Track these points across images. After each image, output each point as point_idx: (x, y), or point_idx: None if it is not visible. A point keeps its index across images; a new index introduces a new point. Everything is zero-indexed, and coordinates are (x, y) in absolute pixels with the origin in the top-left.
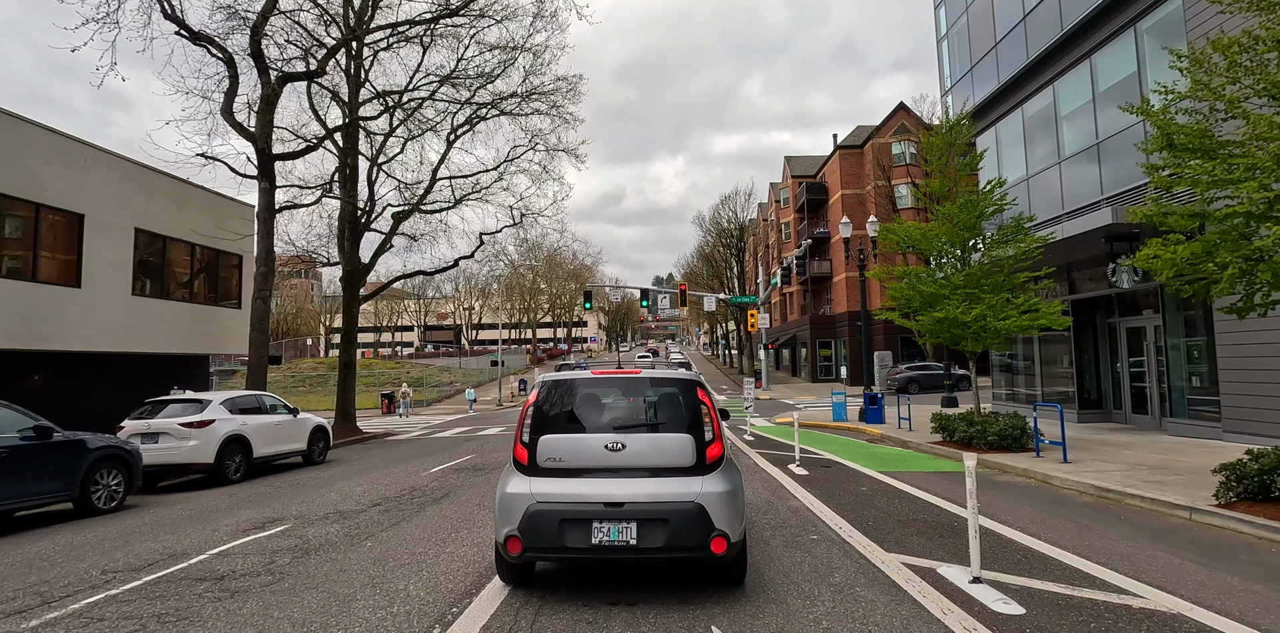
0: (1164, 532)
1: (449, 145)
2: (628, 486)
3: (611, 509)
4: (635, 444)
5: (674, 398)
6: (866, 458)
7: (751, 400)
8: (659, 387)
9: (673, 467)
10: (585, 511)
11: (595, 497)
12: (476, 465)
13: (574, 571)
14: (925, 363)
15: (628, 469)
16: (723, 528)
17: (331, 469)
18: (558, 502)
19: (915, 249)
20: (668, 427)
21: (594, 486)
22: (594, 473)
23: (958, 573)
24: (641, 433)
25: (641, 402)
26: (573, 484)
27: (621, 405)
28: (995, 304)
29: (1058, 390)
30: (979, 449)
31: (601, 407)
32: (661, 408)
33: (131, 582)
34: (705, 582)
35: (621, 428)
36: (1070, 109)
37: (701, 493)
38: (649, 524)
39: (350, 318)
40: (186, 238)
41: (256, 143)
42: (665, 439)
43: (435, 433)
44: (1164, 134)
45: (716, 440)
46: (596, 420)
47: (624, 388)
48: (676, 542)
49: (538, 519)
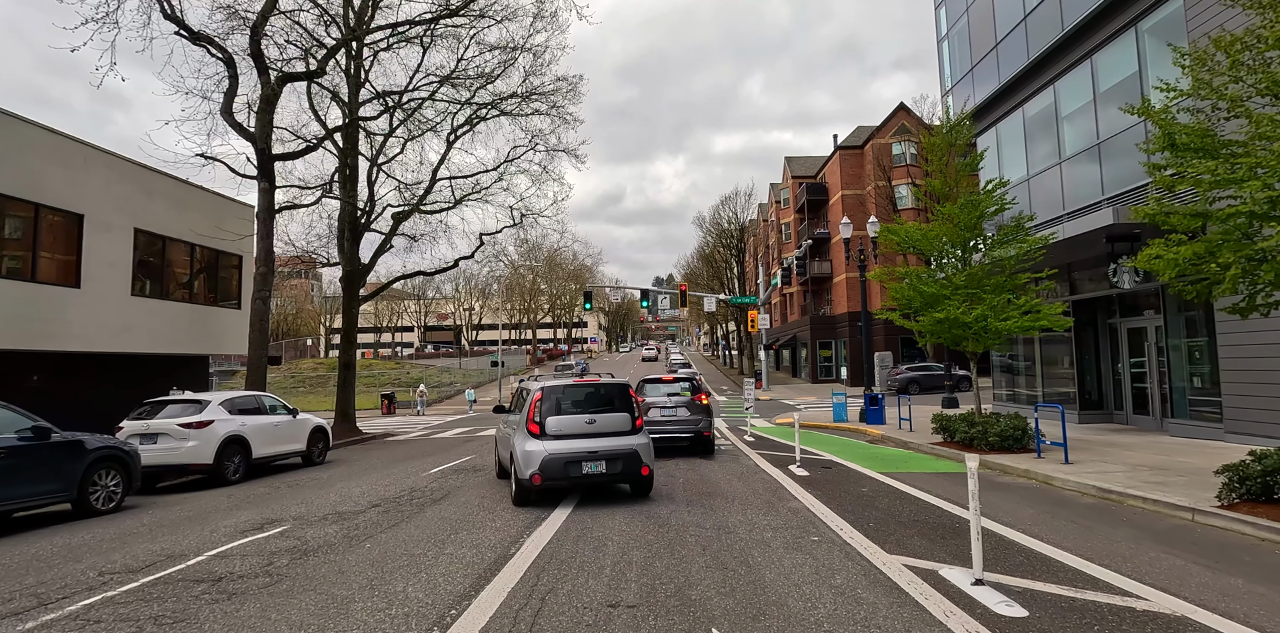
0: (1166, 533)
1: (449, 146)
2: (599, 442)
3: (591, 455)
4: (600, 420)
5: (618, 394)
6: (867, 459)
7: (752, 401)
8: (609, 389)
9: (619, 431)
10: (577, 456)
11: (583, 449)
12: (476, 466)
13: (578, 557)
14: (926, 364)
15: (598, 434)
16: (647, 462)
17: (331, 470)
18: (562, 453)
19: (916, 249)
20: (616, 409)
21: (582, 443)
22: (580, 437)
23: (960, 575)
24: (603, 414)
25: (602, 395)
26: (569, 443)
27: (592, 398)
28: (996, 305)
29: (1058, 391)
30: (980, 450)
31: (582, 400)
32: (612, 400)
33: (129, 584)
34: (708, 584)
35: (592, 410)
36: (1071, 109)
37: (635, 444)
38: (611, 461)
39: (350, 318)
40: (186, 238)
41: (256, 143)
42: (616, 416)
43: (435, 434)
44: (1166, 133)
45: (640, 417)
46: (579, 406)
47: (591, 389)
48: (625, 470)
49: (550, 462)
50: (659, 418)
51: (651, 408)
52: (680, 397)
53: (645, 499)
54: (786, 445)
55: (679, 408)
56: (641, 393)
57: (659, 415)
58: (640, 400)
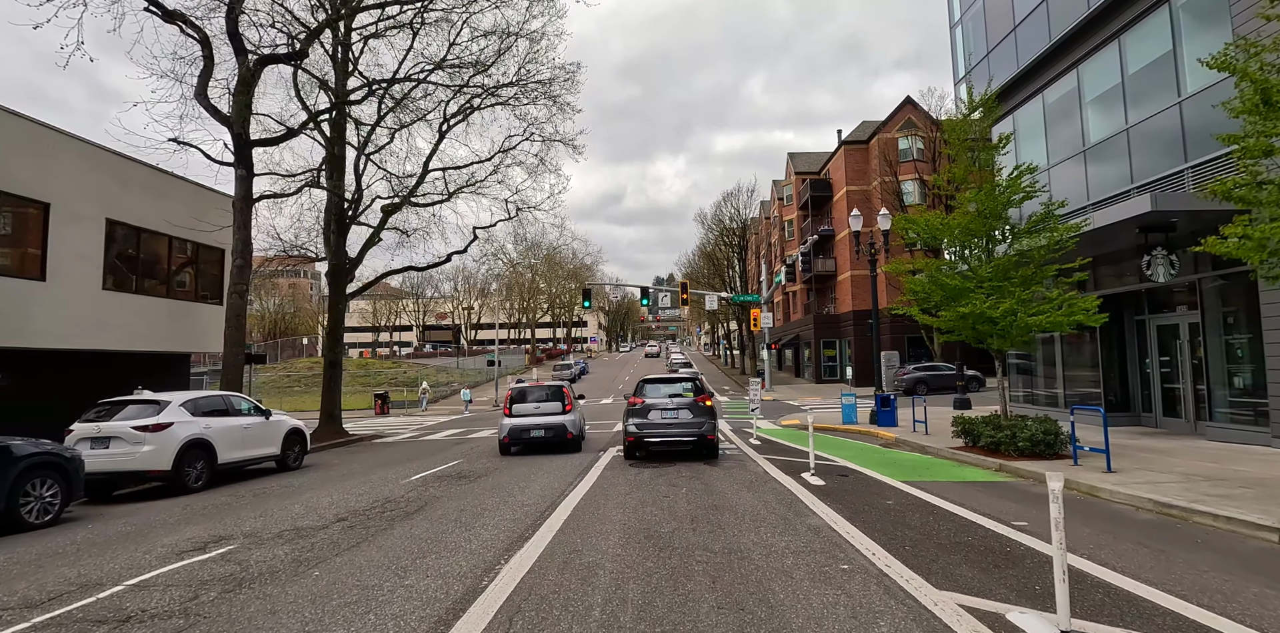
0: (1255, 559)
1: (441, 136)
2: (543, 419)
3: (537, 427)
4: (543, 406)
5: (556, 391)
6: (885, 465)
7: (758, 403)
8: (551, 388)
9: (555, 413)
10: (529, 427)
11: (533, 423)
12: (461, 472)
13: (562, 592)
14: (933, 363)
15: (542, 413)
16: (571, 430)
17: (305, 476)
18: (520, 425)
19: (936, 241)
20: (555, 400)
21: (532, 420)
22: (531, 415)
23: (1038, 624)
24: (546, 403)
25: (546, 392)
26: (525, 420)
27: (540, 394)
28: (1025, 299)
29: (1080, 392)
30: (1008, 456)
31: (534, 394)
32: (553, 394)
33: (17, 624)
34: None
35: (539, 401)
36: (1096, 93)
37: (564, 420)
38: (549, 431)
39: (336, 315)
40: (164, 230)
41: (233, 127)
42: (554, 404)
43: (426, 435)
44: (1258, 91)
45: (570, 402)
46: (532, 399)
47: (540, 389)
48: (556, 436)
49: (514, 430)
50: (660, 421)
51: (652, 410)
52: (682, 398)
53: (642, 516)
54: (796, 450)
55: (681, 410)
56: (641, 394)
57: (660, 418)
58: (639, 402)
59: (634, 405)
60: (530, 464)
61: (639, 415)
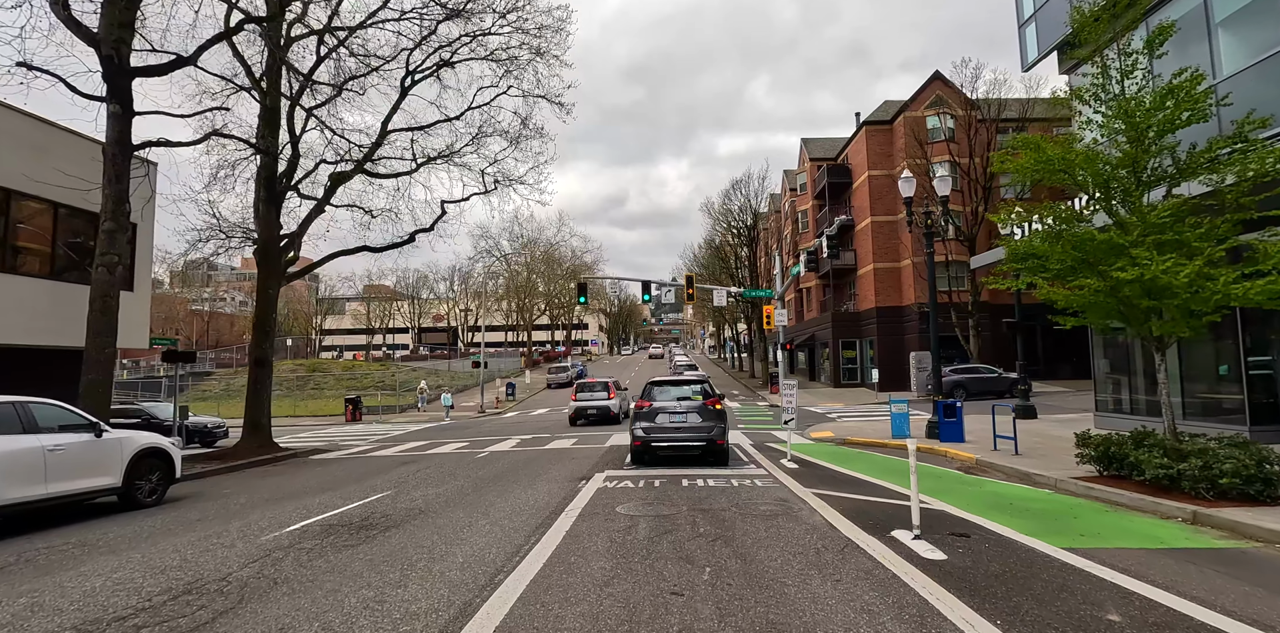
0: None
1: (404, 91)
2: (596, 403)
3: (592, 407)
4: (595, 394)
5: (604, 384)
6: (1001, 512)
7: (794, 411)
8: (601, 381)
9: (604, 399)
10: (587, 408)
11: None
12: (368, 519)
13: None
14: (972, 365)
15: (594, 400)
16: (615, 411)
17: (149, 519)
18: (581, 407)
19: (1069, 178)
20: (603, 391)
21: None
22: (588, 402)
23: None
24: (598, 392)
25: (600, 384)
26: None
27: (595, 386)
28: (1216, 259)
29: (1203, 396)
30: (1192, 499)
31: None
32: (602, 386)
33: None
34: None
35: (592, 391)
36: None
37: (611, 403)
38: (599, 410)
39: (265, 301)
40: (43, 194)
41: (101, 48)
42: (602, 393)
43: (378, 450)
44: None
45: (614, 392)
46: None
47: (596, 382)
48: (604, 414)
49: (577, 409)
50: (667, 424)
51: (659, 413)
52: (691, 401)
53: None
54: (851, 479)
55: (689, 413)
56: (648, 397)
57: (667, 421)
58: (646, 405)
59: (641, 409)
60: (474, 507)
61: (646, 419)
